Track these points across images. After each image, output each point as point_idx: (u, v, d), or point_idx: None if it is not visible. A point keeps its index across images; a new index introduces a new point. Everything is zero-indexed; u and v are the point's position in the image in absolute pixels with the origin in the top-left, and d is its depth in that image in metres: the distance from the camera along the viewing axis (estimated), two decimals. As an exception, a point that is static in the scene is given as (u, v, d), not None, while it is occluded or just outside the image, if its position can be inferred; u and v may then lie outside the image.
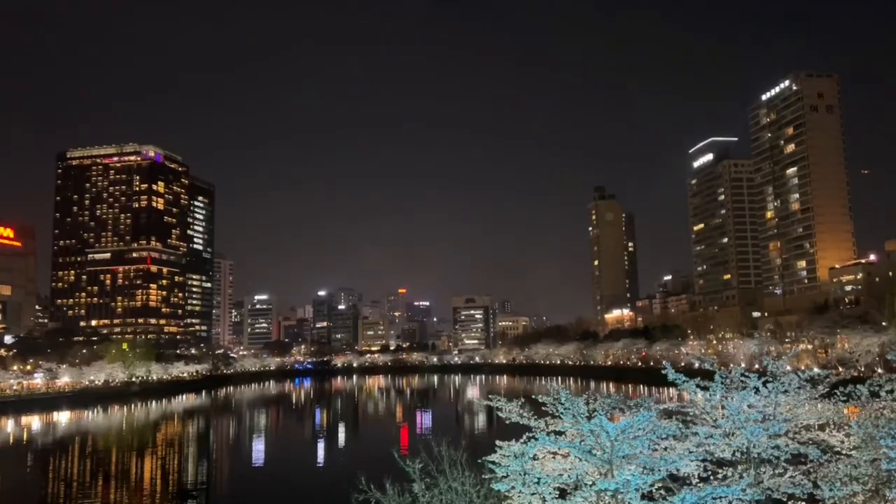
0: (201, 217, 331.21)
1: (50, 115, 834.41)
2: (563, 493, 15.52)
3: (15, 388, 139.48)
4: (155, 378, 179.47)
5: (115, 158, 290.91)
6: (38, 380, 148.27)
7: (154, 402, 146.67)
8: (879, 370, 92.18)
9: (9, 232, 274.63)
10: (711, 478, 16.43)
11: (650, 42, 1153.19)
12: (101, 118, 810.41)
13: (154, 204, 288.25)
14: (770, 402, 16.70)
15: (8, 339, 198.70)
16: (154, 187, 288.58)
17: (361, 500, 17.53)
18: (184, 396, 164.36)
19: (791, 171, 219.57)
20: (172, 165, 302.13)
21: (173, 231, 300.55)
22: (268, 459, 68.29)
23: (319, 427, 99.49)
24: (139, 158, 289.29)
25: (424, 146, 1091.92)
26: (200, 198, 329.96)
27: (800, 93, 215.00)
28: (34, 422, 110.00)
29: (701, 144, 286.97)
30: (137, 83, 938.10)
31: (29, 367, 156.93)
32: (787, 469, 16.35)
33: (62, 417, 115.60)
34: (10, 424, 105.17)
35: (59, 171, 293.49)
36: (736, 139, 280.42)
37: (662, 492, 15.70)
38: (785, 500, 16.36)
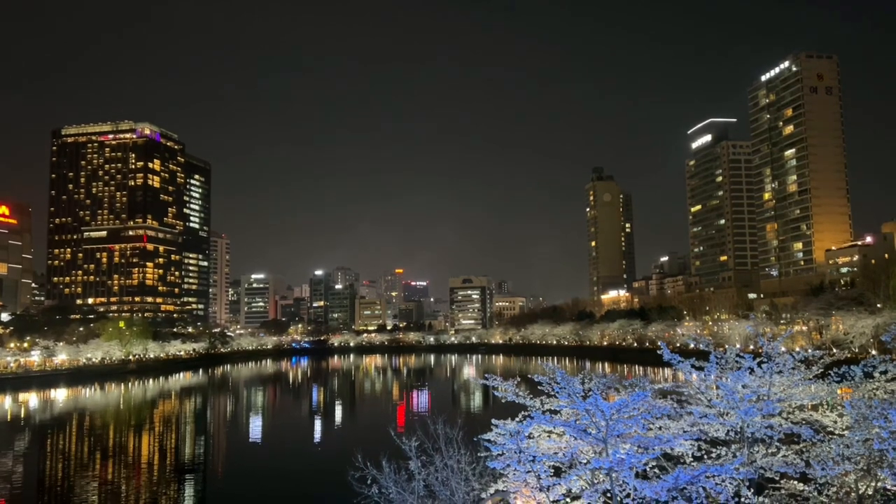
0: (197, 195, 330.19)
1: (45, 91, 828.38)
2: (558, 472, 15.65)
3: (12, 365, 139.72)
4: (152, 356, 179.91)
5: (111, 136, 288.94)
6: (35, 357, 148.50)
7: (151, 379, 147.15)
8: (873, 352, 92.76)
9: (4, 209, 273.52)
10: (705, 457, 16.57)
11: (650, 22, 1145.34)
12: (97, 95, 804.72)
13: (150, 182, 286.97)
14: (764, 382, 16.81)
15: (4, 316, 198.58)
16: (150, 165, 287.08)
17: (358, 478, 17.66)
18: (181, 374, 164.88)
19: (789, 152, 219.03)
20: (168, 143, 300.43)
21: (169, 209, 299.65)
22: (265, 437, 68.69)
23: (316, 405, 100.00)
24: (134, 136, 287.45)
25: (423, 126, 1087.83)
26: (196, 176, 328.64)
27: (799, 74, 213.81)
28: (32, 399, 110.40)
29: (699, 125, 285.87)
30: (133, 61, 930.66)
31: (26, 345, 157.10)
32: (780, 448, 16.49)
33: (59, 395, 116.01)
34: (7, 401, 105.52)
35: (55, 148, 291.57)
36: (735, 120, 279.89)
37: (656, 470, 15.84)
38: (777, 478, 16.52)
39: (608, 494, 14.56)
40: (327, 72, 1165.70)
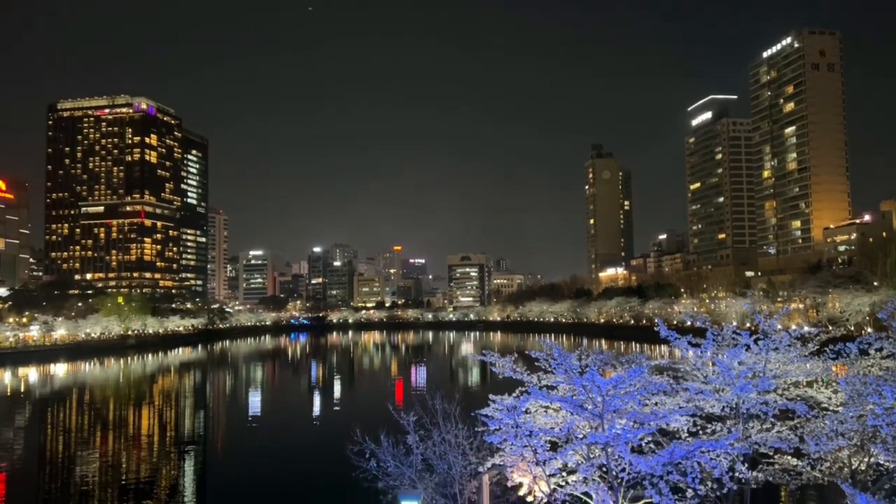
0: (195, 171, 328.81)
1: (40, 66, 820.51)
2: (554, 446, 15.80)
3: (11, 340, 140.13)
4: (151, 332, 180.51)
5: (107, 110, 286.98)
6: (34, 332, 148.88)
7: (150, 355, 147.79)
8: (869, 329, 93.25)
9: (1, 184, 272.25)
10: (700, 432, 16.72)
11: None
12: (93, 70, 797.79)
13: (147, 157, 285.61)
14: (760, 359, 16.92)
15: (3, 291, 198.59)
16: (147, 140, 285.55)
17: (357, 452, 17.84)
18: (180, 350, 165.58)
19: (789, 130, 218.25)
20: (165, 118, 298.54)
21: (167, 185, 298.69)
22: (264, 412, 69.14)
23: (315, 381, 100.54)
24: (131, 111, 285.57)
25: (422, 103, 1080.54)
26: (194, 151, 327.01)
27: (801, 50, 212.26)
28: (31, 373, 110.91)
29: (700, 102, 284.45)
30: (130, 35, 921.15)
31: (24, 320, 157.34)
32: (774, 424, 16.65)
33: (59, 369, 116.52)
34: (7, 376, 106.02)
35: (50, 122, 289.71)
36: (735, 97, 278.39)
37: (652, 445, 16.00)
38: (771, 454, 16.70)
39: (604, 468, 14.71)
40: (325, 47, 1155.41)
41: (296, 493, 35.97)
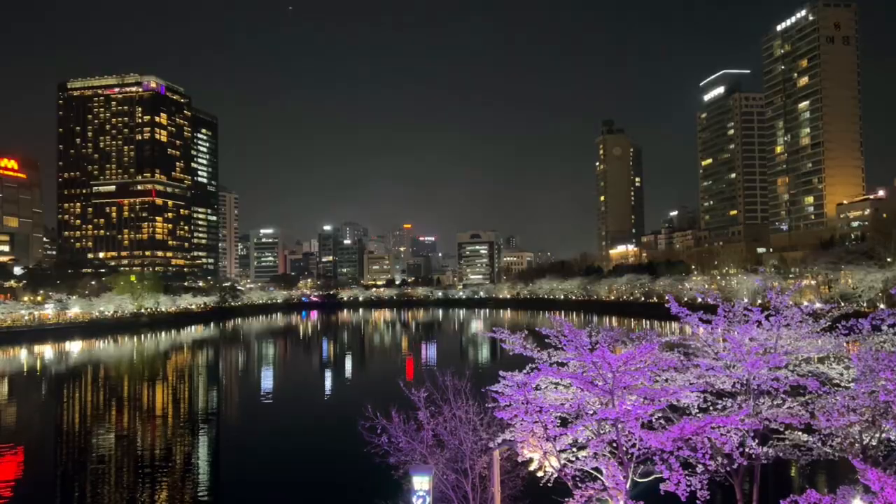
0: (205, 150, 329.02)
1: (50, 45, 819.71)
2: (564, 422, 15.87)
3: (26, 318, 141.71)
4: (163, 310, 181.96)
5: (117, 89, 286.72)
6: (49, 311, 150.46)
7: (163, 332, 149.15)
8: (882, 305, 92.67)
9: (13, 164, 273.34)
10: (711, 408, 16.74)
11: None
12: (102, 49, 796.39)
13: (157, 136, 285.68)
14: (772, 335, 16.86)
15: (17, 270, 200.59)
16: (157, 119, 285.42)
17: (368, 427, 18.00)
18: (192, 328, 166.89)
19: (803, 104, 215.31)
20: (174, 97, 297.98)
21: (177, 164, 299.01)
22: (276, 389, 69.80)
23: (327, 358, 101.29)
24: (140, 89, 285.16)
25: (433, 81, 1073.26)
26: (203, 130, 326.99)
27: (816, 23, 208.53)
28: (47, 351, 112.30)
29: (712, 77, 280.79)
30: (138, 13, 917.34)
31: (39, 299, 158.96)
32: (785, 400, 16.63)
33: (74, 347, 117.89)
34: (23, 353, 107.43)
35: (61, 101, 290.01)
36: (748, 72, 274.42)
37: (662, 421, 16.04)
38: (782, 430, 16.71)
39: (614, 444, 14.79)
40: (336, 28, 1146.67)
41: (308, 467, 36.42)
